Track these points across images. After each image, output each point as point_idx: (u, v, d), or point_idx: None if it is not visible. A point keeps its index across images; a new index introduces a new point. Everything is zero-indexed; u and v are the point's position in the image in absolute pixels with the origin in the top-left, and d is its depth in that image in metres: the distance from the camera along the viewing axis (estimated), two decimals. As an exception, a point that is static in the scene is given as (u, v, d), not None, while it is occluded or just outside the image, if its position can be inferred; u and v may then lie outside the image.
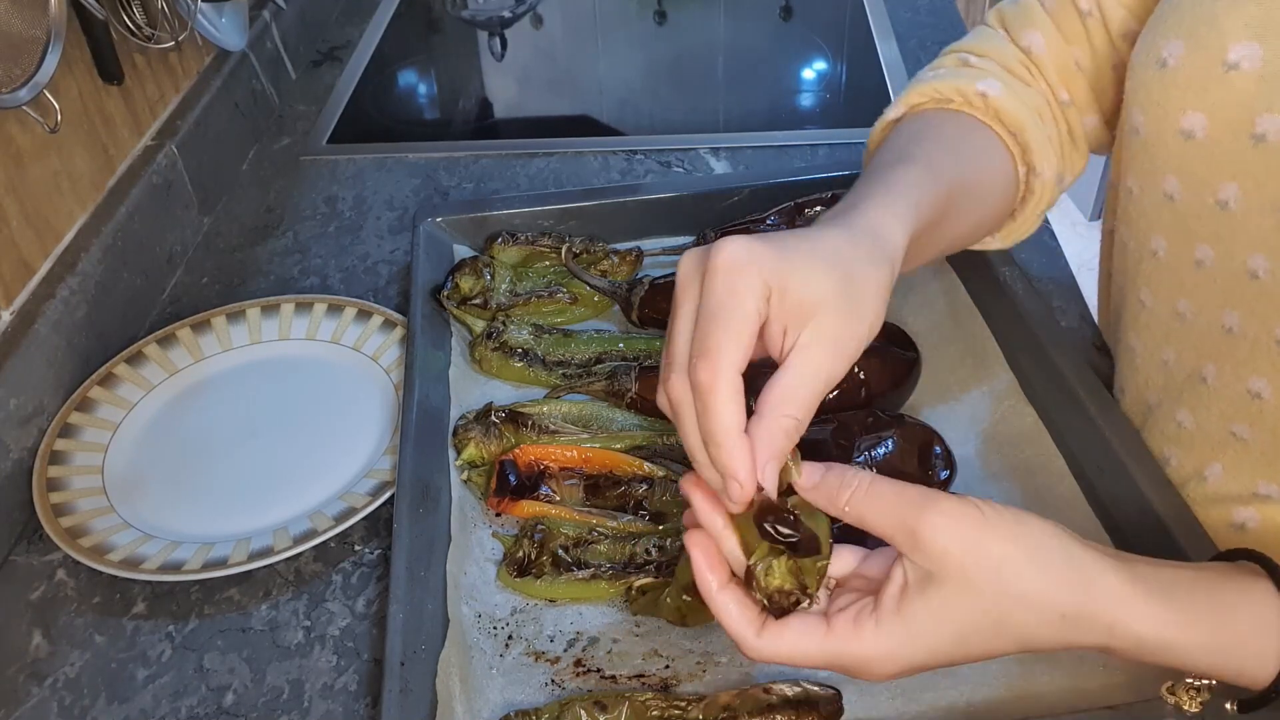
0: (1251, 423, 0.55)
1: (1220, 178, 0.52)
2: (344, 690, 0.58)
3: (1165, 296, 0.59)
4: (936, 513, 0.43)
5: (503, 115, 1.18)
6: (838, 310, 0.44)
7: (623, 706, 0.51)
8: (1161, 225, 0.57)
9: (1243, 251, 0.52)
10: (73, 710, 0.57)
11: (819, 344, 0.44)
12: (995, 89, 0.61)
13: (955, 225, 0.59)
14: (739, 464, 0.43)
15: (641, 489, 0.63)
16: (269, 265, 0.90)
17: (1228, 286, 0.54)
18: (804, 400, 0.44)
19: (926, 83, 0.64)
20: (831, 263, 0.45)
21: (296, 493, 0.68)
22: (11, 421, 0.68)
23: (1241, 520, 0.57)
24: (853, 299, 0.45)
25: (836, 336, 0.45)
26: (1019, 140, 0.62)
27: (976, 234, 0.65)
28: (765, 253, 0.44)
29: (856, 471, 0.45)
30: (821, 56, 1.24)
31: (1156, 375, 0.62)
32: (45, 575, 0.65)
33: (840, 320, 0.45)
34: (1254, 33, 0.49)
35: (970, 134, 0.61)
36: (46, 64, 0.67)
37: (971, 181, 0.59)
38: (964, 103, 0.62)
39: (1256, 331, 0.53)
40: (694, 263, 0.46)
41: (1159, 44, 0.54)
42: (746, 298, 0.43)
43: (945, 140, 0.60)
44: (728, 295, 0.43)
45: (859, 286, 0.46)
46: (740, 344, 0.43)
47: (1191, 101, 0.52)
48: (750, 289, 0.43)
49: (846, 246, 0.47)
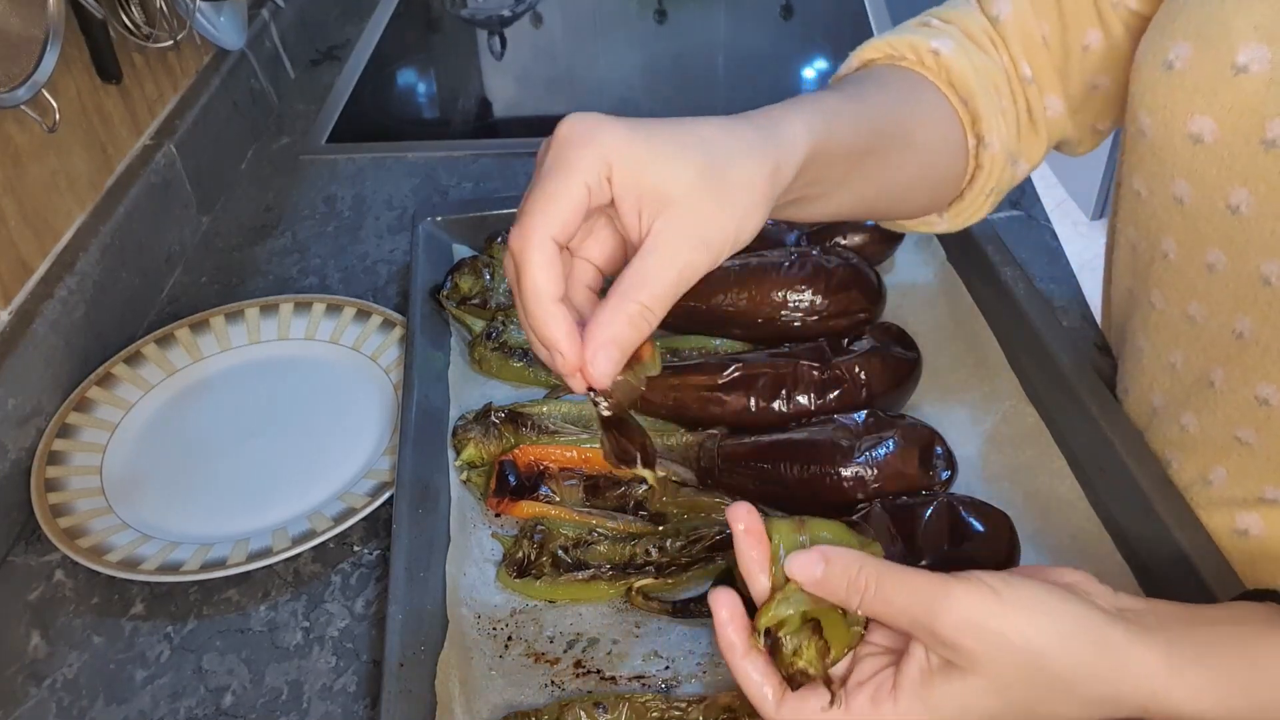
0: (1258, 428, 0.54)
1: (1231, 183, 0.51)
2: (343, 691, 0.58)
3: (1177, 299, 0.58)
4: (952, 608, 0.40)
5: (502, 114, 1.18)
6: (698, 199, 0.42)
7: (623, 707, 0.51)
8: (1172, 228, 0.56)
9: (1256, 257, 0.51)
10: (71, 711, 0.57)
11: (674, 232, 0.41)
12: (948, 47, 0.59)
13: (888, 169, 0.56)
14: (554, 331, 0.41)
15: (641, 489, 0.63)
16: (268, 265, 0.90)
17: (1240, 291, 0.53)
18: (656, 288, 0.41)
19: (883, 38, 0.62)
20: (694, 150, 0.42)
21: (295, 493, 0.68)
22: (9, 422, 0.67)
23: (1245, 526, 0.57)
24: (718, 190, 0.42)
25: (696, 226, 0.42)
26: (969, 108, 0.60)
27: (918, 193, 0.61)
28: (612, 131, 0.41)
29: (860, 565, 0.42)
30: (822, 56, 1.24)
31: (1163, 378, 0.61)
32: (43, 576, 0.65)
33: (701, 210, 0.42)
34: (1263, 35, 0.48)
35: (917, 90, 0.59)
36: (45, 63, 0.67)
37: (909, 127, 0.57)
38: (916, 60, 0.60)
39: (1269, 338, 0.52)
40: (544, 147, 0.44)
41: (1166, 45, 0.53)
42: (574, 170, 0.41)
43: (888, 88, 0.58)
44: (556, 165, 0.41)
45: (726, 177, 0.42)
46: (556, 212, 0.41)
47: (1200, 105, 0.51)
48: (581, 161, 0.41)
49: (719, 135, 0.43)
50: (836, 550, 0.43)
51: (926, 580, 0.41)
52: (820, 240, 0.76)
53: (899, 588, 0.41)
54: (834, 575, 0.43)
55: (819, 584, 0.43)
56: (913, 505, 0.58)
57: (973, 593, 0.40)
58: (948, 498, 0.59)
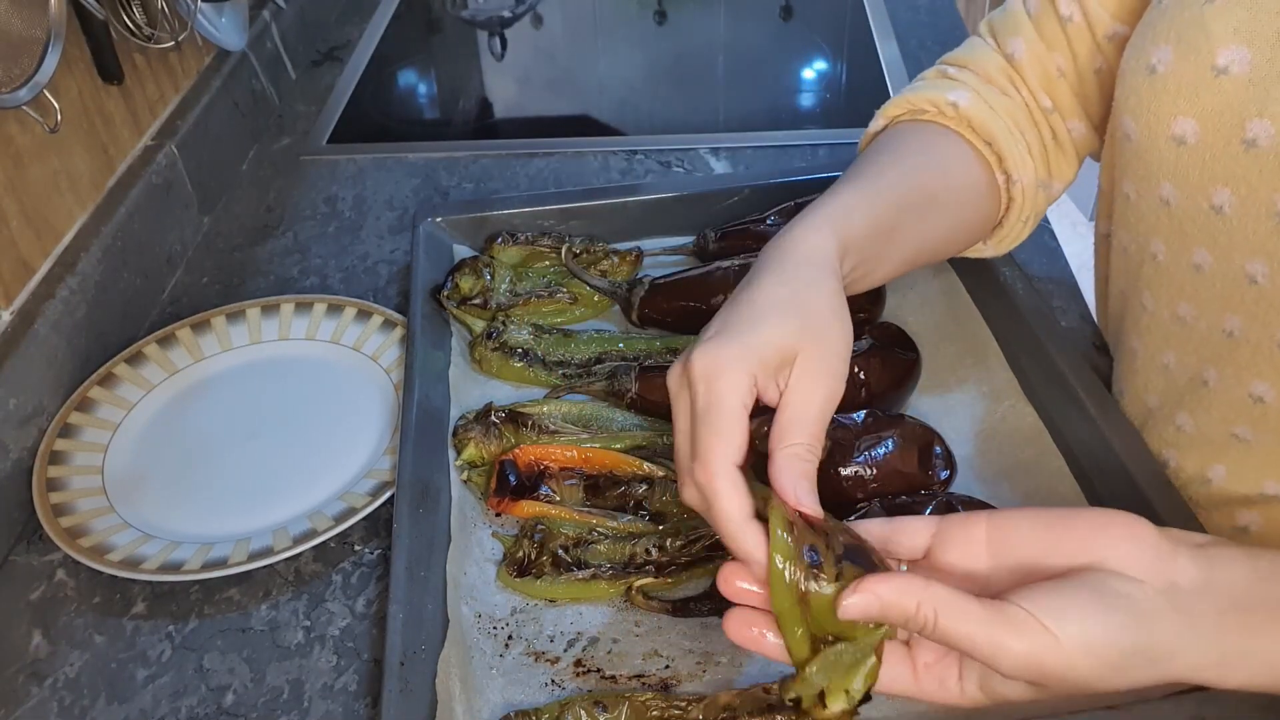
0: (1254, 425, 0.55)
1: (1213, 183, 0.52)
2: (344, 690, 0.58)
3: (1166, 300, 0.58)
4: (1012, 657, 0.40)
5: (502, 115, 1.18)
6: (809, 344, 0.48)
7: (623, 707, 0.51)
8: (1159, 230, 0.57)
9: (1240, 257, 0.52)
10: (72, 710, 0.57)
11: (805, 376, 0.47)
12: (965, 98, 0.64)
13: (920, 232, 0.61)
14: (751, 548, 0.45)
15: (641, 489, 0.63)
16: (269, 265, 0.90)
17: (1227, 291, 0.54)
18: (805, 425, 0.47)
19: (904, 95, 0.67)
20: (785, 312, 0.49)
21: (296, 493, 0.68)
22: (11, 421, 0.68)
23: (1245, 523, 0.57)
24: (816, 327, 0.49)
25: (819, 364, 0.48)
26: (993, 149, 0.64)
27: (957, 240, 0.66)
28: (732, 348, 0.47)
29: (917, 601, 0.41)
30: (821, 56, 1.24)
31: (1157, 378, 0.62)
32: (45, 575, 0.65)
33: (816, 350, 0.48)
34: (1242, 37, 0.49)
35: (938, 142, 0.64)
36: (46, 64, 0.67)
37: (934, 188, 0.62)
38: (936, 113, 0.65)
39: (1258, 336, 0.53)
40: (677, 375, 0.49)
41: (1148, 50, 0.53)
42: (728, 397, 0.46)
43: (904, 155, 0.63)
44: (711, 400, 0.46)
45: (816, 315, 0.49)
46: (730, 441, 0.46)
47: (1182, 107, 0.52)
48: (732, 388, 0.46)
49: (786, 289, 0.50)
50: (887, 586, 0.42)
51: (983, 626, 0.41)
52: (820, 240, 0.76)
53: (955, 629, 0.41)
54: (891, 615, 0.42)
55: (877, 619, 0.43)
56: (912, 505, 0.58)
57: (1030, 643, 0.40)
58: (947, 497, 0.59)
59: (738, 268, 0.73)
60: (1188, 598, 0.42)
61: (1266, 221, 0.50)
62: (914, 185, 0.61)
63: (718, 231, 0.80)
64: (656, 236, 0.84)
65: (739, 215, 0.82)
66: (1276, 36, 0.48)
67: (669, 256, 0.82)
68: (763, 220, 0.80)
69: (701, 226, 0.81)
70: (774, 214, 0.80)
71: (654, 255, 0.81)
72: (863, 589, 0.42)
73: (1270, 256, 0.50)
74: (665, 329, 0.76)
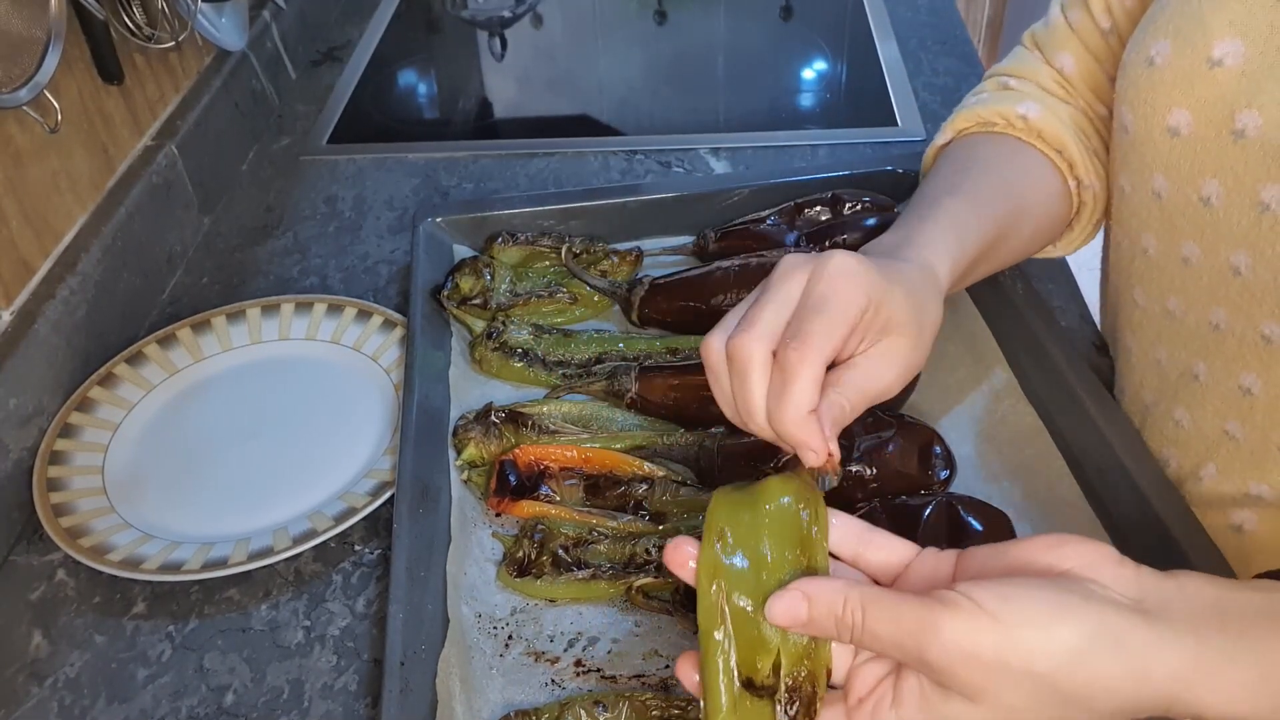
0: (1243, 420, 0.55)
1: (1203, 174, 0.52)
2: (344, 690, 0.58)
3: (1156, 295, 0.59)
4: (942, 642, 0.36)
5: (502, 115, 1.18)
6: (910, 336, 0.48)
7: (623, 706, 0.51)
8: (1151, 224, 0.58)
9: (1226, 248, 0.53)
10: (73, 710, 0.57)
11: (888, 358, 0.48)
12: (1034, 111, 0.64)
13: (1008, 247, 0.62)
14: (814, 438, 0.45)
15: (641, 489, 0.63)
16: (269, 265, 0.90)
17: (1213, 284, 0.54)
18: (859, 394, 0.47)
19: (970, 108, 0.67)
20: (914, 294, 0.49)
21: (296, 493, 0.68)
22: (11, 421, 0.68)
23: (1239, 522, 0.57)
24: (921, 329, 0.49)
25: (904, 358, 0.48)
26: (1064, 156, 0.64)
27: (1035, 247, 0.67)
28: (872, 270, 0.47)
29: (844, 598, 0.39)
30: (821, 56, 1.24)
31: (1151, 375, 0.62)
32: (45, 575, 0.65)
33: (910, 345, 0.48)
34: (1237, 30, 0.50)
35: (1016, 156, 0.64)
36: (46, 64, 0.67)
37: (1023, 205, 0.63)
38: (1006, 125, 0.65)
39: (1243, 328, 0.53)
40: (800, 261, 0.48)
41: (1148, 44, 0.54)
42: (852, 302, 0.46)
43: (993, 167, 0.63)
44: (835, 295, 0.46)
45: (926, 320, 0.50)
46: (834, 338, 0.45)
47: (1178, 99, 0.52)
48: (856, 297, 0.46)
49: (920, 281, 0.51)
50: (816, 585, 0.40)
51: (913, 610, 0.37)
52: (820, 241, 0.76)
53: (883, 620, 0.38)
54: (820, 615, 0.39)
55: (806, 627, 0.40)
56: (912, 505, 0.58)
57: (965, 621, 0.36)
58: (947, 497, 0.59)
59: (737, 268, 0.73)
60: (1156, 599, 0.37)
61: (1250, 212, 0.50)
62: (1010, 198, 0.61)
63: (718, 231, 0.80)
64: (656, 236, 0.84)
65: (739, 215, 0.82)
66: (1269, 29, 0.49)
67: (669, 256, 0.82)
68: (763, 220, 0.80)
69: (701, 226, 0.81)
70: (774, 214, 0.80)
71: (654, 255, 0.81)
72: (790, 588, 0.39)
73: (1253, 248, 0.51)
74: (665, 329, 0.76)
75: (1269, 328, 0.52)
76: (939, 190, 0.59)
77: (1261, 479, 0.55)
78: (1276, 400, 0.53)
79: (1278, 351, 0.52)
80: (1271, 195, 0.49)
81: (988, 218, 0.58)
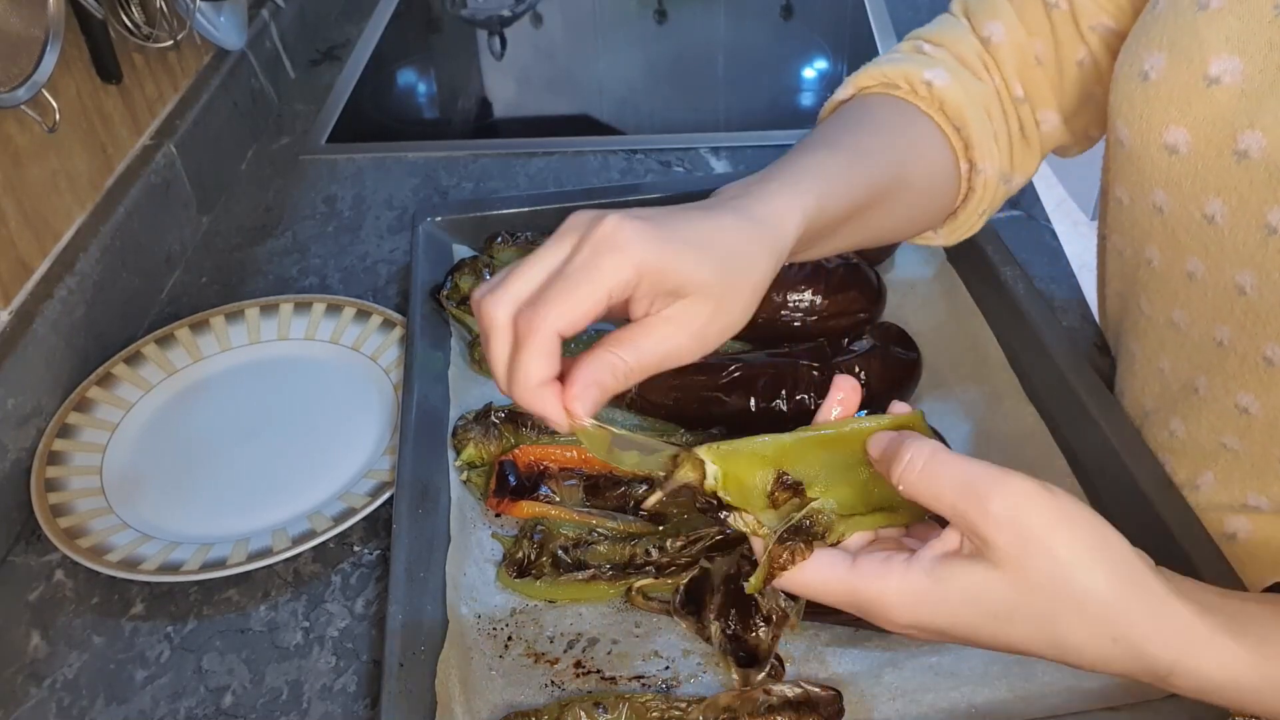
0: (1241, 435, 0.55)
1: (1205, 193, 0.51)
2: (343, 691, 0.58)
3: (1162, 306, 0.58)
4: (1006, 495, 0.38)
5: (502, 115, 1.18)
6: (708, 299, 0.44)
7: (623, 708, 0.51)
8: (1153, 236, 0.57)
9: (1231, 267, 0.52)
10: (71, 711, 0.57)
11: (680, 321, 0.44)
12: (942, 78, 0.61)
13: (883, 217, 0.58)
14: (547, 408, 0.43)
15: (641, 489, 0.63)
16: (268, 265, 0.90)
17: (1218, 301, 0.54)
18: (643, 355, 0.44)
19: (878, 66, 0.63)
20: (716, 251, 0.45)
21: (295, 493, 0.68)
22: (9, 422, 0.67)
23: (1233, 530, 0.57)
24: (727, 291, 0.45)
25: (701, 321, 0.44)
26: (961, 135, 0.61)
27: (911, 227, 0.64)
28: (647, 238, 0.43)
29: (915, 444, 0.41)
30: (822, 55, 1.24)
31: (1153, 382, 0.62)
32: (43, 576, 0.65)
33: (708, 309, 0.44)
34: (1234, 46, 0.48)
35: (911, 124, 0.61)
36: (45, 63, 0.67)
37: (907, 174, 0.59)
38: (909, 90, 0.61)
39: (1245, 347, 0.53)
40: (578, 223, 0.45)
41: (1141, 55, 0.53)
42: (607, 273, 0.42)
43: (882, 130, 0.59)
44: (590, 264, 0.43)
45: (738, 279, 0.45)
46: (572, 312, 0.42)
47: (1174, 116, 0.51)
48: (615, 267, 0.42)
49: (737, 236, 0.46)
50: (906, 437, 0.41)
51: (983, 467, 0.39)
52: (820, 240, 0.76)
53: (950, 467, 0.39)
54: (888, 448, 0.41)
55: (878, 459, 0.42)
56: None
57: (1030, 491, 0.38)
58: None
59: (738, 267, 0.72)
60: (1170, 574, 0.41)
61: (1256, 233, 0.50)
62: (891, 164, 0.57)
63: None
64: (656, 236, 0.83)
65: (739, 215, 0.81)
66: (1269, 46, 0.48)
67: (669, 256, 0.81)
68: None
69: (701, 226, 0.81)
70: (774, 214, 0.80)
71: (654, 255, 0.81)
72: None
73: (1259, 268, 0.50)
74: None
75: (1272, 349, 0.51)
76: (817, 142, 0.56)
77: (1261, 491, 0.55)
78: (1274, 421, 0.53)
79: (1278, 374, 0.51)
80: (1278, 218, 0.48)
81: (861, 179, 0.54)
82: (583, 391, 0.43)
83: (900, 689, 0.53)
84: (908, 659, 0.54)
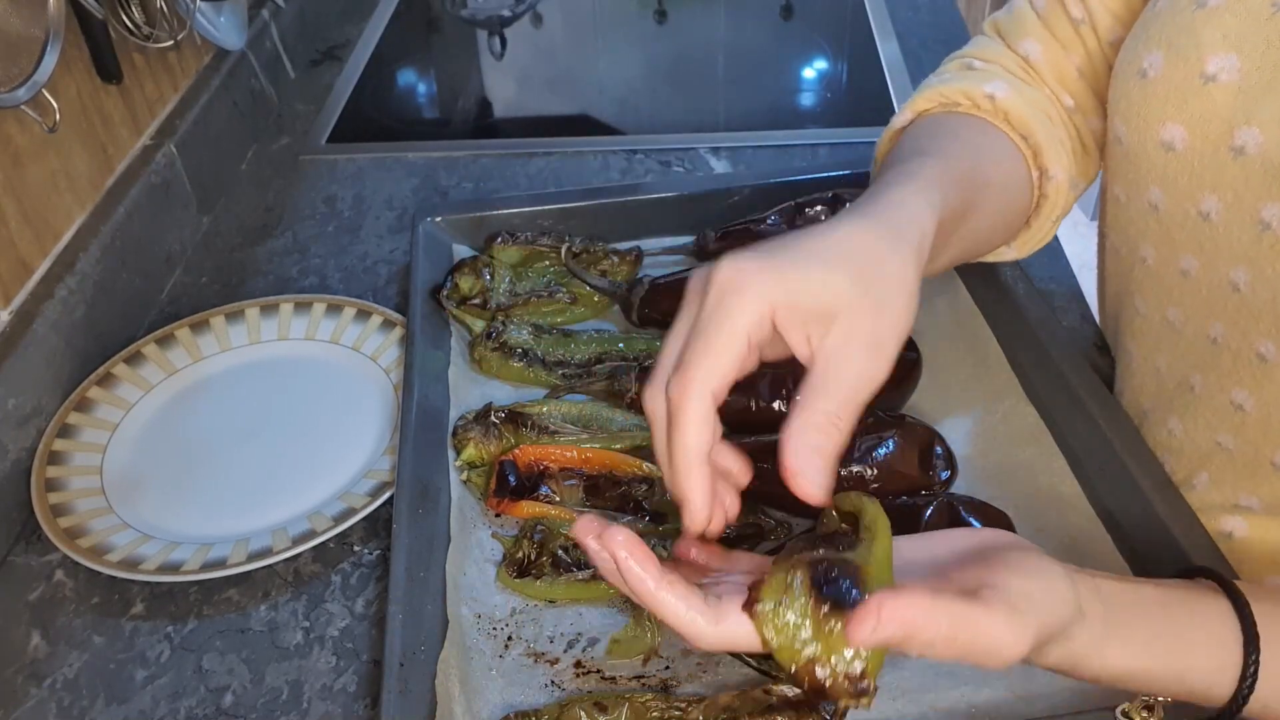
0: (1235, 434, 0.55)
1: (1201, 190, 0.51)
2: (343, 691, 0.58)
3: (1156, 304, 0.59)
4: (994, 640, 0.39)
5: (502, 115, 1.18)
6: (860, 309, 0.42)
7: (622, 708, 0.51)
8: (1149, 234, 0.57)
9: (1225, 264, 0.52)
10: (71, 711, 0.57)
11: (848, 344, 0.42)
12: (1002, 90, 0.60)
13: (977, 222, 0.57)
14: (693, 490, 0.42)
15: (641, 489, 0.63)
16: (268, 265, 0.90)
17: (1212, 298, 0.54)
18: (833, 394, 0.42)
19: (933, 87, 0.63)
20: (845, 262, 0.43)
21: (295, 493, 0.68)
22: (10, 422, 0.67)
23: (1229, 529, 0.57)
24: (875, 294, 0.43)
25: (866, 334, 0.42)
26: (1029, 142, 0.61)
27: (993, 238, 0.63)
28: (763, 270, 0.42)
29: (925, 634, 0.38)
30: (822, 56, 1.24)
31: (1150, 381, 0.62)
32: (44, 576, 0.65)
33: (865, 318, 0.42)
34: (1231, 44, 0.49)
35: (982, 134, 0.60)
36: (45, 63, 0.67)
37: (989, 176, 0.58)
38: (971, 105, 0.61)
39: (1239, 344, 0.53)
40: (699, 277, 0.44)
41: (1140, 54, 0.53)
42: (736, 317, 0.42)
43: (958, 137, 0.59)
44: (716, 314, 0.42)
45: (881, 280, 0.43)
46: (719, 363, 0.41)
47: (1171, 113, 0.51)
48: (742, 309, 0.42)
49: (864, 240, 0.44)
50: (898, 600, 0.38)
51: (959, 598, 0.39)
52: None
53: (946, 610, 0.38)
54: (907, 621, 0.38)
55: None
56: (913, 505, 0.58)
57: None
58: (947, 498, 0.59)
59: (738, 267, 0.72)
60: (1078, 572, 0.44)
61: (1251, 229, 0.50)
62: (978, 167, 0.56)
63: (718, 231, 0.80)
64: (656, 236, 0.83)
65: (739, 215, 0.81)
66: (1266, 44, 0.48)
67: (669, 256, 0.81)
68: (763, 220, 0.79)
69: (701, 226, 0.81)
70: (774, 214, 0.80)
71: (654, 255, 0.81)
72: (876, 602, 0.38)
73: (1252, 265, 0.50)
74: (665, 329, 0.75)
75: (1265, 346, 0.51)
76: (904, 155, 0.54)
77: (1252, 491, 0.55)
78: (1267, 418, 0.53)
79: (1272, 370, 0.51)
80: (1272, 214, 0.48)
81: (962, 173, 0.53)
82: (804, 464, 0.41)
83: (900, 689, 0.53)
84: (907, 659, 0.54)
